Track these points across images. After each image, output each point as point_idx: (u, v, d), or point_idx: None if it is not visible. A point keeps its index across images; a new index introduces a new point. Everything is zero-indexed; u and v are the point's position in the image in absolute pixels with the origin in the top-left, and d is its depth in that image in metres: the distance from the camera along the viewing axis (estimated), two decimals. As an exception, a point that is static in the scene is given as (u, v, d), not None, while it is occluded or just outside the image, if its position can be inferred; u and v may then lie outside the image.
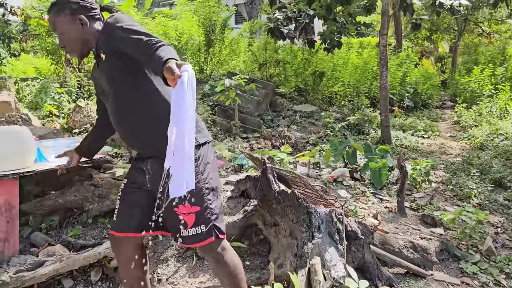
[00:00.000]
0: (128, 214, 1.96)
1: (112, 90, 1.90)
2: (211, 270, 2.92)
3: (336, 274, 2.30)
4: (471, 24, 17.15)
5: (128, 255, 1.99)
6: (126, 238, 1.97)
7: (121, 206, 2.00)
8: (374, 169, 4.97)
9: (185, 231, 1.83)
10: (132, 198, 1.97)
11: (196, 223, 1.83)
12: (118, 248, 2.01)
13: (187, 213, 1.83)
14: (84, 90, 8.73)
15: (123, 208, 1.99)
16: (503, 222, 4.40)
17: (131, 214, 1.96)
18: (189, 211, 1.83)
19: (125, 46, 1.78)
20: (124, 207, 1.99)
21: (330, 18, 8.70)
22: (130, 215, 1.96)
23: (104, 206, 3.31)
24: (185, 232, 1.84)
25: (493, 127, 8.29)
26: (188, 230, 1.83)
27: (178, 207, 1.82)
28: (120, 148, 5.71)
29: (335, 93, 10.92)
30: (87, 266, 2.77)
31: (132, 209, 1.96)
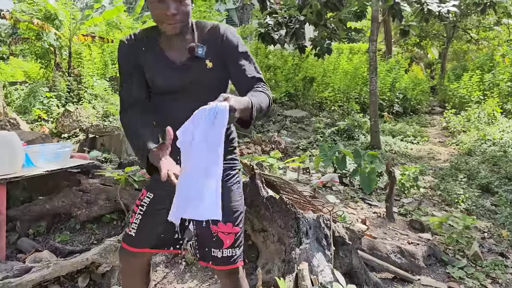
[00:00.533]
0: (149, 231, 1.80)
1: (198, 92, 1.69)
2: (199, 276, 2.92)
3: (323, 279, 2.31)
4: (460, 31, 17.37)
5: (138, 268, 1.90)
6: (141, 253, 1.86)
7: (143, 222, 1.80)
8: (363, 175, 5.01)
9: (219, 251, 1.75)
10: (156, 215, 1.79)
11: (233, 245, 1.76)
12: (130, 262, 1.87)
13: (227, 232, 1.75)
14: (73, 95, 8.69)
15: (144, 224, 1.80)
16: (489, 227, 4.45)
17: (153, 231, 1.80)
18: (229, 231, 1.75)
19: (233, 67, 1.71)
20: (146, 224, 1.80)
21: (321, 24, 8.78)
22: (151, 232, 1.80)
23: (92, 211, 3.30)
24: (218, 252, 1.75)
25: (481, 133, 8.40)
26: (222, 250, 1.74)
27: (217, 224, 1.73)
28: (110, 153, 5.69)
29: (325, 99, 11.00)
30: (75, 272, 2.75)
31: (156, 227, 1.80)
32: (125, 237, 1.83)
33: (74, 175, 3.48)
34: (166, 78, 1.69)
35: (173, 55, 1.69)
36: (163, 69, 1.69)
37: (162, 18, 1.58)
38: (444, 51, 18.13)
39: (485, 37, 18.47)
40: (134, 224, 1.81)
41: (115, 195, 3.30)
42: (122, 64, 1.75)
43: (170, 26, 1.59)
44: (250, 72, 1.70)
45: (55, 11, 9.00)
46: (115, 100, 8.56)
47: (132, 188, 3.30)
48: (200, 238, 1.80)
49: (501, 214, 4.66)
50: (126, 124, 1.73)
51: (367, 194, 5.07)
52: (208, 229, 1.75)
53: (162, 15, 1.57)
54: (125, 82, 1.75)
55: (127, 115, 1.74)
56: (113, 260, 2.67)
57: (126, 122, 1.73)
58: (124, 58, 1.74)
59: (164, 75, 1.69)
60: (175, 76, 1.68)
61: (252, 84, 1.68)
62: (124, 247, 1.83)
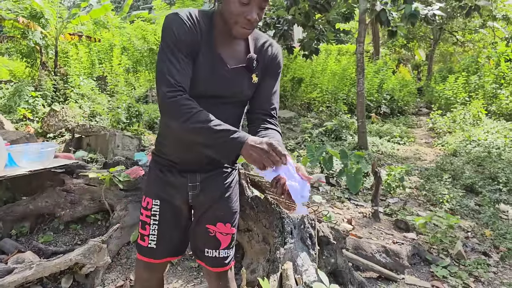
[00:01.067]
0: (170, 239, 1.75)
1: (233, 102, 1.63)
2: (184, 276, 2.91)
3: (307, 278, 2.33)
4: (446, 33, 17.59)
5: (158, 281, 1.87)
6: (163, 264, 1.82)
7: (161, 232, 1.73)
8: (350, 175, 5.04)
9: (215, 251, 1.73)
10: (171, 220, 1.74)
11: (229, 246, 1.76)
12: (152, 273, 1.81)
13: (225, 233, 1.74)
14: (59, 94, 8.59)
15: (163, 234, 1.73)
16: (473, 226, 4.51)
17: (173, 239, 1.76)
18: (227, 232, 1.74)
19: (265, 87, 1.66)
20: (165, 232, 1.74)
21: (309, 25, 8.81)
22: (172, 240, 1.76)
23: (77, 212, 3.26)
24: (214, 252, 1.73)
25: (466, 134, 8.51)
26: (219, 251, 1.73)
27: (216, 225, 1.72)
28: (96, 153, 5.64)
29: (314, 99, 11.05)
30: (58, 273, 2.72)
31: (175, 234, 1.76)
32: (144, 251, 1.74)
33: (58, 175, 3.44)
34: (212, 77, 1.52)
35: (226, 57, 1.54)
36: (212, 68, 1.52)
37: (239, 21, 1.44)
38: (431, 53, 18.35)
39: (470, 40, 18.72)
40: (152, 236, 1.72)
41: (99, 195, 3.28)
42: (180, 34, 1.45)
43: (244, 31, 1.47)
44: (274, 101, 1.68)
45: (41, 10, 8.90)
46: (102, 100, 8.49)
47: (117, 188, 3.27)
48: (196, 238, 1.77)
49: (484, 214, 4.73)
50: (185, 104, 1.42)
51: (354, 194, 5.10)
52: (205, 229, 1.73)
53: (241, 17, 1.44)
54: (182, 55, 1.45)
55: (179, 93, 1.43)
56: (97, 261, 2.64)
57: (185, 102, 1.42)
58: (183, 29, 1.46)
59: (211, 73, 1.52)
60: (222, 80, 1.54)
61: (270, 112, 1.66)
62: (145, 261, 1.75)
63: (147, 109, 8.10)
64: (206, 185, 1.70)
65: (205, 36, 1.51)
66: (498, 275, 3.49)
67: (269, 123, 1.65)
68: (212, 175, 1.72)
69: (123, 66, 10.55)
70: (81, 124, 6.22)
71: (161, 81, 1.43)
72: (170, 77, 1.42)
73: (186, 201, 1.72)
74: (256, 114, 1.67)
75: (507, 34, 15.45)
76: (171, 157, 1.69)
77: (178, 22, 1.45)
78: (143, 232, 1.74)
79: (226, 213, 1.75)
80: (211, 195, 1.71)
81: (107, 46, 11.39)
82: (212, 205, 1.72)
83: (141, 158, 4.74)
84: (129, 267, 2.99)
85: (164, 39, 1.46)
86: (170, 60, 1.44)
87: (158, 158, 1.74)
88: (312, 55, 9.40)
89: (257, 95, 1.66)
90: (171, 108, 1.42)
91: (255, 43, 1.62)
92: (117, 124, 7.31)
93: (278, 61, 1.67)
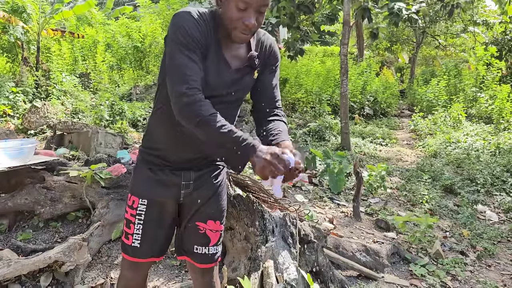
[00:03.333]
0: (155, 239, 1.75)
1: (236, 99, 1.65)
2: (166, 274, 2.91)
3: (288, 276, 2.35)
4: (428, 37, 17.89)
5: (142, 280, 1.86)
6: (147, 263, 1.81)
7: (146, 231, 1.72)
8: (332, 175, 5.09)
9: (205, 248, 1.75)
10: (157, 220, 1.73)
11: (218, 242, 1.79)
12: (136, 272, 1.80)
13: (215, 230, 1.77)
14: (41, 90, 8.46)
15: (148, 233, 1.73)
16: (451, 226, 4.61)
17: (158, 239, 1.76)
18: (217, 229, 1.77)
19: (266, 81, 1.68)
20: (150, 232, 1.73)
21: (294, 26, 8.86)
22: (157, 240, 1.75)
23: (57, 209, 3.22)
24: (204, 249, 1.75)
25: (447, 136, 8.67)
26: (209, 247, 1.76)
27: (206, 222, 1.75)
28: (78, 150, 5.57)
29: (298, 100, 11.10)
30: (37, 271, 2.69)
31: (160, 234, 1.75)
32: (128, 249, 1.74)
33: (38, 172, 3.39)
34: (217, 79, 1.53)
35: (230, 57, 1.55)
36: (217, 68, 1.52)
37: (238, 26, 1.44)
38: (413, 56, 18.62)
39: (452, 44, 19.07)
40: (137, 234, 1.72)
41: (80, 193, 3.25)
42: (195, 33, 1.44)
43: (243, 36, 1.47)
44: (277, 93, 1.70)
45: (23, 4, 8.74)
46: (85, 97, 8.38)
47: (99, 186, 3.25)
48: (185, 236, 1.79)
49: (462, 214, 4.83)
50: (202, 105, 1.40)
51: (336, 194, 5.15)
52: (195, 226, 1.75)
53: (239, 23, 1.43)
54: (196, 54, 1.44)
55: (197, 93, 1.41)
56: (77, 259, 2.62)
57: (202, 102, 1.40)
58: (196, 29, 1.45)
59: (217, 75, 1.52)
60: (226, 81, 1.55)
61: (275, 105, 1.69)
62: (130, 260, 1.75)
63: (131, 107, 8.02)
64: (199, 183, 1.72)
65: (213, 37, 1.51)
66: (475, 273, 3.58)
67: (275, 115, 1.68)
68: (205, 173, 1.74)
69: (107, 63, 10.44)
70: (63, 121, 6.13)
71: (177, 79, 1.42)
72: (187, 76, 1.40)
73: (177, 199, 1.73)
74: (261, 111, 1.69)
75: (487, 39, 15.80)
76: (164, 154, 1.68)
77: (190, 21, 1.44)
78: (127, 230, 1.74)
79: (216, 211, 1.78)
80: (205, 193, 1.74)
81: (91, 42, 11.25)
82: (204, 203, 1.74)
83: (123, 156, 4.70)
84: (110, 265, 2.97)
85: (176, 37, 1.43)
86: (185, 58, 1.42)
87: (147, 156, 1.72)
88: (297, 56, 9.45)
89: (260, 91, 1.68)
90: (189, 108, 1.40)
91: (255, 39, 1.63)
92: (100, 121, 7.22)
93: (275, 54, 1.70)
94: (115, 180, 3.31)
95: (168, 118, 1.57)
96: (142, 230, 1.71)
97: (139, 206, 1.71)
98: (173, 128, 1.58)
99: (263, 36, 1.66)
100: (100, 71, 9.85)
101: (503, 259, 3.92)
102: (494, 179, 5.99)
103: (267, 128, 1.61)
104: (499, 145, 7.54)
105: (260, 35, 1.66)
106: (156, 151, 1.69)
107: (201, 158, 1.70)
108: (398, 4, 6.81)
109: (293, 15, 8.45)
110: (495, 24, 15.20)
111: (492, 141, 7.87)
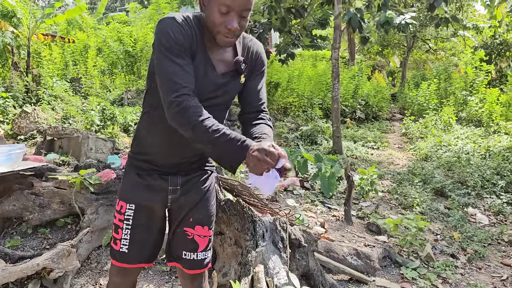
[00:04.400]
0: (143, 245, 1.74)
1: (223, 103, 1.66)
2: (156, 280, 2.89)
3: (278, 281, 2.34)
4: (419, 41, 18.01)
5: (131, 282, 1.85)
6: (136, 269, 1.80)
7: (134, 236, 1.71)
8: (324, 179, 5.10)
9: (193, 254, 1.74)
10: (145, 225, 1.72)
11: (206, 248, 1.78)
12: (125, 278, 1.79)
13: (203, 236, 1.76)
14: (31, 95, 8.39)
15: (136, 238, 1.72)
16: (442, 229, 4.63)
17: (147, 244, 1.75)
18: (205, 234, 1.76)
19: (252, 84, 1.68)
20: (137, 237, 1.72)
21: (285, 30, 8.89)
22: (145, 245, 1.75)
23: (45, 215, 3.19)
24: (192, 255, 1.74)
25: (437, 140, 8.73)
26: (197, 253, 1.75)
27: (194, 228, 1.74)
28: (68, 156, 5.53)
29: (290, 104, 11.13)
30: (25, 278, 2.65)
31: (149, 239, 1.75)
32: (116, 255, 1.73)
33: (26, 177, 3.36)
34: (204, 84, 1.53)
35: (216, 61, 1.56)
36: (203, 72, 1.53)
37: (221, 30, 1.45)
38: (404, 60, 18.74)
39: (442, 48, 19.24)
40: (124, 240, 1.71)
41: (69, 199, 3.21)
42: (179, 37, 1.44)
43: (227, 40, 1.47)
44: (262, 96, 1.71)
45: (13, 8, 8.68)
46: (76, 102, 8.33)
47: (88, 192, 3.22)
48: (173, 241, 1.79)
49: (453, 217, 4.86)
50: (193, 111, 1.41)
51: (327, 198, 5.16)
52: (183, 232, 1.74)
53: (221, 27, 1.44)
54: (183, 58, 1.45)
55: (187, 99, 1.41)
56: (66, 265, 2.59)
57: (192, 108, 1.41)
58: (181, 33, 1.45)
59: (202, 78, 1.53)
60: (212, 85, 1.56)
61: (260, 108, 1.69)
62: (118, 266, 1.74)
63: (122, 112, 7.98)
64: (186, 188, 1.72)
65: (199, 42, 1.52)
66: (465, 276, 3.60)
67: (259, 119, 1.67)
68: (194, 177, 1.73)
69: (98, 68, 10.39)
70: (53, 126, 6.08)
71: (167, 88, 1.43)
72: (175, 83, 1.41)
73: (165, 204, 1.73)
74: (247, 114, 1.69)
75: (476, 43, 15.97)
76: (152, 158, 1.68)
77: (174, 25, 1.45)
78: (115, 235, 1.74)
79: (204, 216, 1.77)
80: (192, 198, 1.73)
81: (82, 47, 11.20)
82: (192, 209, 1.74)
83: (114, 161, 4.67)
84: (99, 272, 2.94)
85: (161, 42, 1.44)
86: (172, 65, 1.42)
87: (135, 161, 1.72)
88: (288, 59, 9.48)
89: (246, 96, 1.69)
90: (181, 116, 1.41)
91: (242, 44, 1.64)
92: (91, 126, 7.18)
93: (262, 59, 1.70)
94: (105, 186, 3.29)
95: (155, 121, 1.58)
96: (130, 235, 1.71)
97: (127, 211, 1.71)
98: (160, 132, 1.60)
99: (250, 42, 1.67)
100: (91, 75, 9.79)
101: (493, 262, 3.94)
102: (485, 182, 6.03)
103: (252, 131, 1.61)
104: (489, 148, 7.61)
105: (246, 40, 1.66)
106: (144, 155, 1.69)
107: (188, 163, 1.70)
108: (388, 13, 6.88)
109: (284, 20, 8.48)
110: (484, 28, 15.36)
111: (482, 144, 7.94)
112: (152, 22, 11.20)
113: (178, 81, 1.41)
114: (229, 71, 1.59)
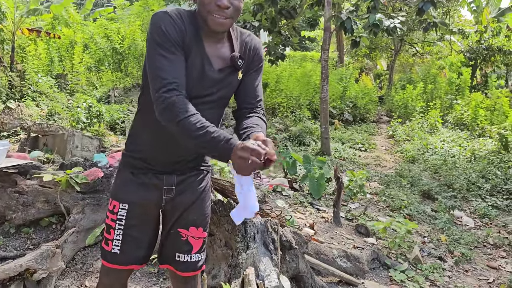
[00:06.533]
0: (135, 246, 1.69)
1: (219, 100, 1.62)
2: (143, 282, 2.83)
3: (269, 284, 2.31)
4: (406, 45, 18.20)
5: (122, 284, 1.80)
6: (128, 271, 1.75)
7: (126, 237, 1.66)
8: (313, 180, 5.08)
9: (187, 256, 1.71)
10: (138, 226, 1.68)
11: (200, 250, 1.74)
12: (115, 279, 1.75)
13: (197, 237, 1.72)
14: (15, 91, 8.22)
15: (128, 239, 1.67)
16: (429, 231, 4.66)
17: (140, 245, 1.70)
18: (199, 236, 1.72)
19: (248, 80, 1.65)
20: (129, 237, 1.67)
21: (275, 30, 8.87)
22: (135, 245, 1.69)
23: (29, 214, 3.10)
24: (186, 257, 1.71)
25: (424, 142, 8.81)
26: (191, 255, 1.71)
27: (189, 229, 1.70)
28: (53, 153, 5.42)
29: (279, 104, 11.12)
30: (7, 280, 2.57)
31: (137, 239, 1.69)
32: (107, 256, 1.67)
33: (10, 175, 3.26)
34: (200, 80, 1.51)
35: (213, 57, 1.53)
36: (200, 68, 1.50)
37: (211, 9, 1.41)
38: (392, 63, 18.91)
39: (429, 51, 19.48)
40: (116, 240, 1.66)
41: (55, 198, 3.13)
42: (171, 32, 1.42)
43: (218, 20, 1.43)
44: (259, 93, 1.68)
45: (-3, 2, 8.51)
46: (61, 99, 8.19)
47: (74, 191, 3.14)
48: (167, 242, 1.75)
49: (440, 220, 4.89)
50: (179, 107, 1.37)
51: (316, 199, 5.15)
52: (177, 233, 1.70)
53: (211, 5, 1.41)
54: (173, 53, 1.42)
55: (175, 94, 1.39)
56: (50, 266, 2.52)
57: (179, 104, 1.37)
58: (173, 27, 1.43)
59: (199, 74, 1.50)
60: (209, 81, 1.53)
61: (256, 104, 1.67)
62: (108, 267, 1.69)
63: (109, 110, 7.87)
64: (182, 188, 1.68)
65: (194, 37, 1.49)
66: (453, 279, 3.61)
67: (254, 113, 1.65)
68: (189, 177, 1.70)
69: (84, 64, 10.23)
70: (37, 123, 5.96)
71: (155, 82, 1.41)
72: (163, 79, 1.39)
73: (159, 204, 1.68)
74: (243, 109, 1.66)
75: (462, 48, 16.19)
76: (147, 157, 1.64)
77: (167, 20, 1.43)
78: (107, 236, 1.69)
79: (199, 217, 1.73)
80: (187, 199, 1.69)
81: (68, 43, 11.02)
82: (186, 209, 1.70)
83: (100, 159, 4.58)
84: (84, 273, 2.87)
85: (152, 37, 1.43)
86: (162, 59, 1.40)
87: (130, 159, 1.67)
88: (278, 60, 9.47)
89: (242, 91, 1.66)
90: (168, 111, 1.38)
91: (239, 40, 1.61)
92: (77, 124, 7.06)
93: (259, 54, 1.68)
94: (91, 185, 3.21)
95: (149, 120, 1.55)
96: (122, 235, 1.66)
97: (120, 211, 1.66)
98: (154, 130, 1.56)
99: (248, 37, 1.64)
100: (77, 72, 9.64)
101: (480, 264, 3.97)
102: (470, 185, 6.10)
103: (244, 122, 1.58)
104: (474, 152, 7.70)
105: (244, 36, 1.64)
106: (139, 154, 1.65)
107: (185, 161, 1.66)
108: (378, 16, 6.93)
109: (274, 20, 8.47)
110: (470, 34, 15.59)
111: (467, 148, 8.04)
112: (141, 19, 11.07)
113: (166, 76, 1.39)
114: (226, 67, 1.56)
